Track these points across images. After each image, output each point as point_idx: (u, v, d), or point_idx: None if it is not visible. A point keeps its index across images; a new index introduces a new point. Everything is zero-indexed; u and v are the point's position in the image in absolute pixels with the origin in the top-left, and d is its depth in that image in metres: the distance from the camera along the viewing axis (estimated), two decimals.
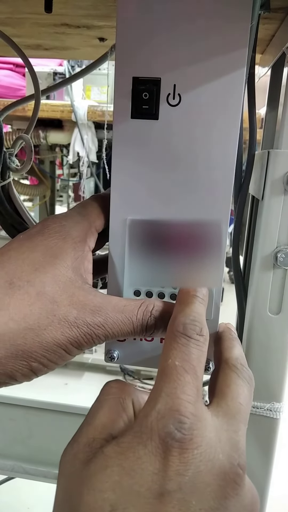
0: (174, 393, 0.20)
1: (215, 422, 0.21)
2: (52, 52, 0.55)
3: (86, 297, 0.26)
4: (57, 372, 1.65)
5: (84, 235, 0.28)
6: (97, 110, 1.60)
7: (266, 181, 0.34)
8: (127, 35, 0.27)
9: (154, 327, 0.27)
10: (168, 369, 0.21)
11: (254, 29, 0.29)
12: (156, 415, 0.20)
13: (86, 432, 0.22)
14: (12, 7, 0.38)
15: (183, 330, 0.23)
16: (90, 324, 0.26)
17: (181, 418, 0.20)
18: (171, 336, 0.23)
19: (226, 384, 0.24)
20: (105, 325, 0.26)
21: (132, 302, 0.27)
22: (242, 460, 0.20)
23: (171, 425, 0.19)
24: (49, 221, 0.29)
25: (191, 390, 0.21)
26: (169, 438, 0.19)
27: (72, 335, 0.25)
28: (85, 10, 0.38)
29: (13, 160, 0.39)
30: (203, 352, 0.23)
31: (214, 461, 0.20)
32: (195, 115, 0.27)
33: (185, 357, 0.22)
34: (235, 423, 0.22)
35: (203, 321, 0.24)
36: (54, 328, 0.25)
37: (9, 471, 0.61)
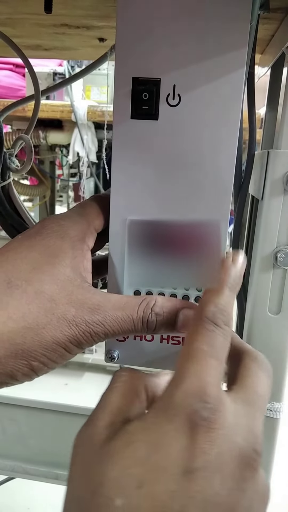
0: (200, 375, 0.20)
1: (234, 408, 0.21)
2: (52, 52, 0.55)
3: (84, 295, 0.26)
4: (57, 372, 1.65)
5: (82, 235, 0.28)
6: (97, 110, 1.60)
7: (266, 181, 0.34)
8: (127, 35, 0.27)
9: (156, 324, 0.27)
10: (194, 351, 0.21)
11: (254, 29, 0.29)
12: (183, 393, 0.20)
13: (103, 415, 0.22)
14: (12, 7, 0.38)
15: (212, 317, 0.23)
16: (89, 322, 0.26)
17: (207, 399, 0.20)
18: (199, 321, 0.23)
19: (247, 374, 0.24)
20: (104, 323, 0.26)
21: (133, 299, 0.27)
22: (258, 446, 0.20)
23: (198, 403, 0.19)
24: (48, 221, 0.29)
25: (216, 375, 0.21)
26: (196, 416, 0.19)
27: (71, 334, 0.25)
28: (84, 10, 0.38)
29: (13, 160, 0.39)
30: (227, 344, 0.23)
31: (234, 443, 0.20)
32: (194, 115, 0.27)
33: (212, 342, 0.22)
34: (252, 411, 0.22)
35: (231, 312, 0.24)
36: (53, 326, 0.25)
37: (9, 471, 0.61)
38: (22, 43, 0.50)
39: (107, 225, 0.31)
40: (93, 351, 1.71)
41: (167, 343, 0.31)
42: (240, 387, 0.23)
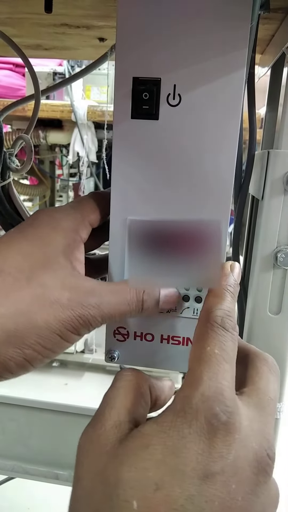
0: (216, 378, 0.20)
1: (247, 412, 0.21)
2: (52, 52, 0.55)
3: (77, 281, 0.26)
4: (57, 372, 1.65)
5: (75, 226, 0.28)
6: (97, 110, 1.60)
7: (266, 181, 0.34)
8: (127, 35, 0.27)
9: (148, 303, 0.27)
10: (207, 355, 0.21)
11: (254, 29, 0.29)
12: (200, 396, 0.20)
13: (110, 415, 0.22)
14: (12, 7, 0.38)
15: (221, 323, 0.23)
16: (84, 305, 0.25)
17: (226, 402, 0.20)
18: (208, 325, 0.23)
19: (259, 377, 0.24)
20: (100, 305, 0.26)
21: (122, 283, 0.27)
22: (271, 451, 0.21)
23: (217, 407, 0.19)
24: (40, 213, 0.29)
25: (230, 378, 0.21)
26: (215, 419, 0.19)
27: (65, 318, 0.25)
28: (85, 10, 0.38)
29: (13, 160, 0.39)
30: (236, 347, 0.23)
31: (249, 448, 0.20)
32: (195, 115, 0.27)
33: (223, 347, 0.22)
34: (264, 415, 0.22)
35: (235, 316, 0.24)
36: (46, 312, 0.24)
37: (9, 471, 0.61)
38: (22, 42, 0.50)
39: (105, 221, 0.31)
40: (93, 351, 1.71)
41: (167, 343, 0.31)
42: (252, 391, 0.23)
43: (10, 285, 0.24)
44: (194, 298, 0.30)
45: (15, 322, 0.24)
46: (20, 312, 0.24)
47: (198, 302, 0.30)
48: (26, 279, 0.25)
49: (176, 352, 0.31)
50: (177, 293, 0.30)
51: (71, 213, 0.29)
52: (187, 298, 0.30)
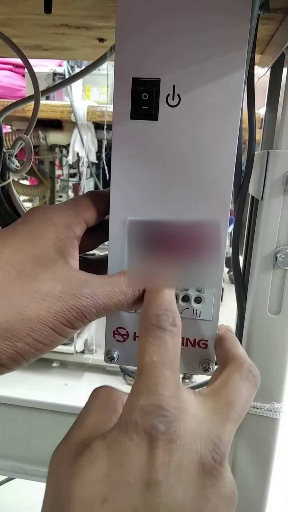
0: (155, 389, 0.21)
1: (198, 414, 0.22)
2: (52, 52, 0.55)
3: (70, 273, 0.26)
4: (57, 372, 1.65)
5: (67, 222, 0.28)
6: (96, 111, 1.60)
7: (266, 181, 0.34)
8: (126, 35, 0.27)
9: (141, 292, 0.27)
10: (147, 366, 0.22)
11: (254, 30, 0.29)
12: (139, 410, 0.20)
13: (77, 432, 0.22)
14: (11, 7, 0.38)
15: (157, 323, 0.23)
16: (77, 296, 0.25)
17: (164, 412, 0.20)
18: (145, 329, 0.23)
19: (225, 381, 0.24)
20: (94, 296, 0.25)
21: (115, 275, 0.27)
22: (217, 454, 0.20)
23: (155, 419, 0.20)
24: (33, 210, 0.29)
25: (171, 384, 0.21)
26: (154, 430, 0.20)
27: (57, 310, 0.25)
28: (84, 10, 0.38)
29: (12, 160, 0.39)
30: (178, 343, 0.23)
31: (194, 452, 0.20)
32: (194, 115, 0.27)
33: (162, 351, 0.22)
34: (217, 419, 0.22)
35: (174, 309, 0.24)
36: (37, 304, 0.24)
37: (9, 472, 0.61)
38: (22, 43, 0.50)
39: (101, 220, 0.31)
40: (93, 352, 1.71)
41: None
42: (211, 395, 0.23)
43: (1, 279, 0.24)
44: (193, 299, 0.30)
45: (5, 315, 0.24)
46: (10, 304, 0.24)
47: (198, 303, 0.30)
48: (16, 272, 0.25)
49: None
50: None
51: (65, 209, 0.29)
52: (187, 298, 0.30)
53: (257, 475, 0.38)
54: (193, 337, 0.30)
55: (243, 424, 0.38)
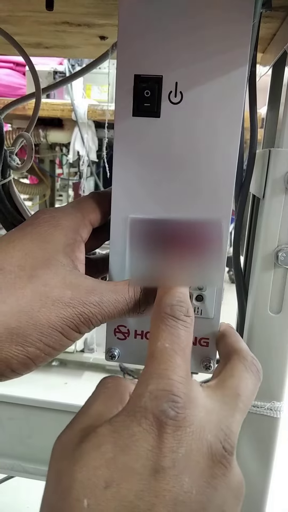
0: (166, 374, 0.20)
1: (207, 404, 0.21)
2: (53, 50, 0.55)
3: (78, 279, 0.26)
4: (57, 371, 1.65)
5: (75, 225, 0.28)
6: (97, 109, 1.60)
7: (267, 180, 0.34)
8: (128, 32, 0.26)
9: (146, 302, 0.27)
10: (158, 351, 0.21)
11: (256, 27, 0.29)
12: (149, 395, 0.20)
13: (81, 420, 0.22)
14: (13, 5, 0.38)
15: (171, 312, 0.23)
16: (85, 303, 0.25)
17: (174, 398, 0.20)
18: (159, 317, 0.23)
19: (231, 373, 0.24)
20: (101, 304, 0.26)
21: (121, 283, 0.28)
22: (228, 444, 0.20)
23: (165, 404, 0.20)
24: (41, 212, 0.29)
25: (182, 371, 0.21)
26: (163, 416, 0.19)
27: (67, 316, 0.25)
28: (86, 8, 0.38)
29: (13, 158, 0.39)
30: (190, 333, 0.23)
31: (203, 440, 0.20)
32: (196, 113, 0.27)
33: (174, 339, 0.22)
34: (226, 409, 0.22)
35: (188, 301, 0.24)
36: (48, 309, 0.25)
37: (8, 470, 0.61)
38: (23, 41, 0.50)
39: (105, 221, 0.31)
40: (93, 350, 1.71)
41: None
42: (219, 386, 0.23)
43: (11, 282, 0.24)
44: (195, 297, 0.30)
45: (17, 320, 0.24)
46: (22, 309, 0.24)
47: (199, 301, 0.30)
48: (27, 277, 0.25)
49: None
50: None
51: (72, 212, 0.29)
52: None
53: (258, 473, 0.38)
54: (195, 335, 0.30)
55: (244, 423, 0.38)
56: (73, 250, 0.28)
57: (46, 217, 0.28)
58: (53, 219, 0.28)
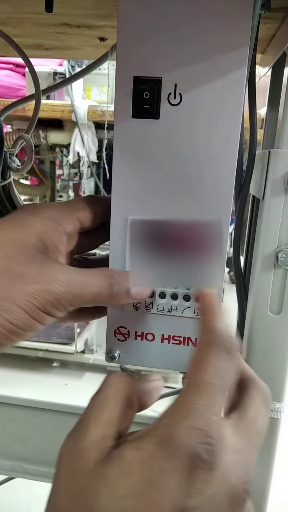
0: (205, 411, 0.20)
1: (233, 443, 0.21)
2: (53, 52, 0.55)
3: (48, 260, 0.26)
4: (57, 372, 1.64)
5: (57, 217, 0.29)
6: (97, 110, 1.60)
7: (267, 180, 0.34)
8: (128, 34, 0.27)
9: (117, 288, 0.27)
10: (204, 384, 0.21)
11: (255, 29, 0.29)
12: (185, 431, 0.19)
13: (94, 428, 0.22)
14: (12, 6, 0.38)
15: (225, 346, 0.22)
16: (53, 280, 0.25)
17: (210, 441, 0.19)
18: (213, 346, 0.22)
19: (250, 405, 0.23)
20: (69, 283, 0.26)
21: (94, 269, 0.28)
22: (248, 486, 0.21)
23: (200, 445, 0.19)
24: (26, 205, 0.30)
25: (220, 411, 0.20)
26: (197, 458, 0.19)
27: (31, 292, 0.25)
28: (85, 10, 0.38)
29: (13, 159, 0.39)
30: (236, 371, 0.22)
31: (228, 483, 0.20)
32: (196, 114, 0.27)
33: (223, 375, 0.21)
34: (250, 447, 0.22)
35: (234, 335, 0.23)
36: (10, 283, 0.24)
37: (9, 471, 0.61)
38: (23, 42, 0.50)
39: (100, 223, 0.31)
40: (94, 351, 1.71)
41: (168, 343, 0.31)
42: (242, 419, 0.22)
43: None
44: (195, 297, 0.30)
45: None
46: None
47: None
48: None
49: (177, 351, 0.31)
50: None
51: (57, 206, 0.30)
52: (188, 297, 0.30)
53: (258, 474, 0.38)
54: (195, 336, 0.30)
55: None
56: (50, 238, 0.28)
57: (30, 207, 0.29)
58: (36, 209, 0.29)
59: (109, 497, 0.19)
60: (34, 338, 1.64)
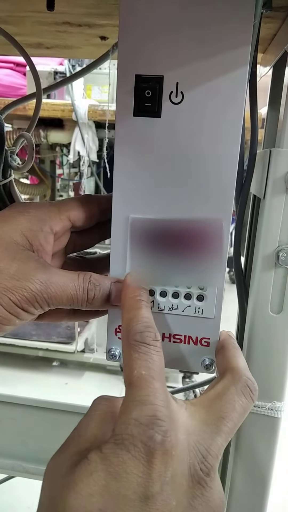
0: (148, 400, 0.21)
1: (187, 424, 0.22)
2: (54, 50, 0.55)
3: (29, 257, 0.27)
4: (57, 371, 1.65)
5: (45, 216, 0.29)
6: (97, 109, 1.60)
7: (268, 180, 0.34)
8: (129, 32, 0.27)
9: (94, 293, 0.28)
10: (136, 379, 0.22)
11: (257, 28, 0.29)
12: (134, 422, 0.20)
13: (77, 442, 0.22)
14: (13, 5, 0.38)
15: (141, 339, 0.23)
16: (32, 278, 0.26)
17: (159, 422, 0.20)
18: (130, 346, 0.23)
19: (218, 394, 0.24)
20: (47, 283, 0.26)
21: (72, 272, 0.28)
22: (204, 465, 0.21)
23: (151, 429, 0.20)
24: (16, 203, 0.30)
25: (162, 395, 0.21)
26: (151, 441, 0.20)
27: (8, 287, 0.25)
28: (86, 8, 0.38)
29: (14, 158, 0.39)
30: (162, 356, 0.23)
31: (185, 462, 0.21)
32: (197, 113, 0.27)
33: (149, 365, 0.22)
34: (207, 431, 0.22)
35: (154, 325, 0.24)
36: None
37: (9, 470, 0.61)
38: (24, 41, 0.50)
39: (94, 222, 0.31)
40: (94, 351, 1.71)
41: (168, 342, 0.31)
42: (203, 406, 0.23)
43: None
44: (196, 297, 0.30)
45: None
46: None
47: (200, 301, 0.30)
48: None
49: (178, 350, 0.31)
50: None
51: (46, 205, 0.30)
52: (189, 296, 0.30)
53: (258, 474, 0.38)
54: (195, 335, 0.30)
55: (244, 423, 0.38)
56: (35, 236, 0.28)
57: (19, 205, 0.29)
58: (23, 207, 0.29)
59: (77, 498, 0.19)
60: (34, 337, 1.64)
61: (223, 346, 0.28)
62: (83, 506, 0.19)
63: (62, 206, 0.30)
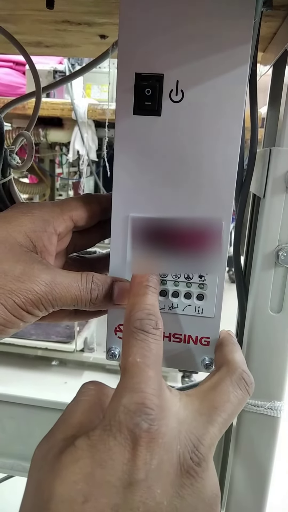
0: (139, 388, 0.21)
1: (180, 414, 0.22)
2: (53, 49, 0.55)
3: (33, 259, 0.27)
4: (56, 371, 1.64)
5: (48, 217, 0.29)
6: (97, 108, 1.60)
7: (268, 179, 0.34)
8: (129, 31, 0.26)
9: (97, 293, 0.28)
10: (130, 366, 0.22)
11: (257, 26, 0.29)
12: (123, 408, 0.20)
13: (63, 429, 0.22)
14: (13, 3, 0.38)
15: (140, 326, 0.23)
16: (36, 280, 0.25)
17: (147, 410, 0.20)
18: (129, 332, 0.23)
19: (213, 385, 0.24)
20: (52, 284, 0.26)
21: (74, 272, 0.28)
22: (195, 455, 0.21)
23: (138, 417, 0.20)
24: (19, 203, 0.30)
25: (154, 384, 0.21)
26: (137, 429, 0.20)
27: (13, 289, 0.25)
28: (86, 7, 0.37)
29: (13, 157, 0.39)
30: (160, 346, 0.23)
31: (174, 451, 0.20)
32: (197, 111, 0.27)
33: (145, 352, 0.22)
34: (200, 421, 0.22)
35: (157, 313, 0.24)
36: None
37: (8, 470, 0.61)
38: (24, 39, 0.50)
39: (95, 221, 0.31)
40: (93, 350, 1.71)
41: (168, 341, 0.31)
42: (198, 397, 0.23)
43: None
44: (196, 296, 0.30)
45: None
46: None
47: (200, 300, 0.30)
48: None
49: (178, 349, 0.31)
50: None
51: (49, 206, 0.30)
52: (189, 295, 0.30)
53: (258, 473, 0.38)
54: (195, 334, 0.30)
55: (244, 423, 0.38)
56: (39, 237, 0.28)
57: (22, 206, 0.29)
58: (26, 208, 0.29)
59: (62, 485, 0.19)
60: (33, 336, 1.64)
61: (222, 343, 0.28)
62: (68, 492, 0.19)
63: (65, 206, 0.30)
